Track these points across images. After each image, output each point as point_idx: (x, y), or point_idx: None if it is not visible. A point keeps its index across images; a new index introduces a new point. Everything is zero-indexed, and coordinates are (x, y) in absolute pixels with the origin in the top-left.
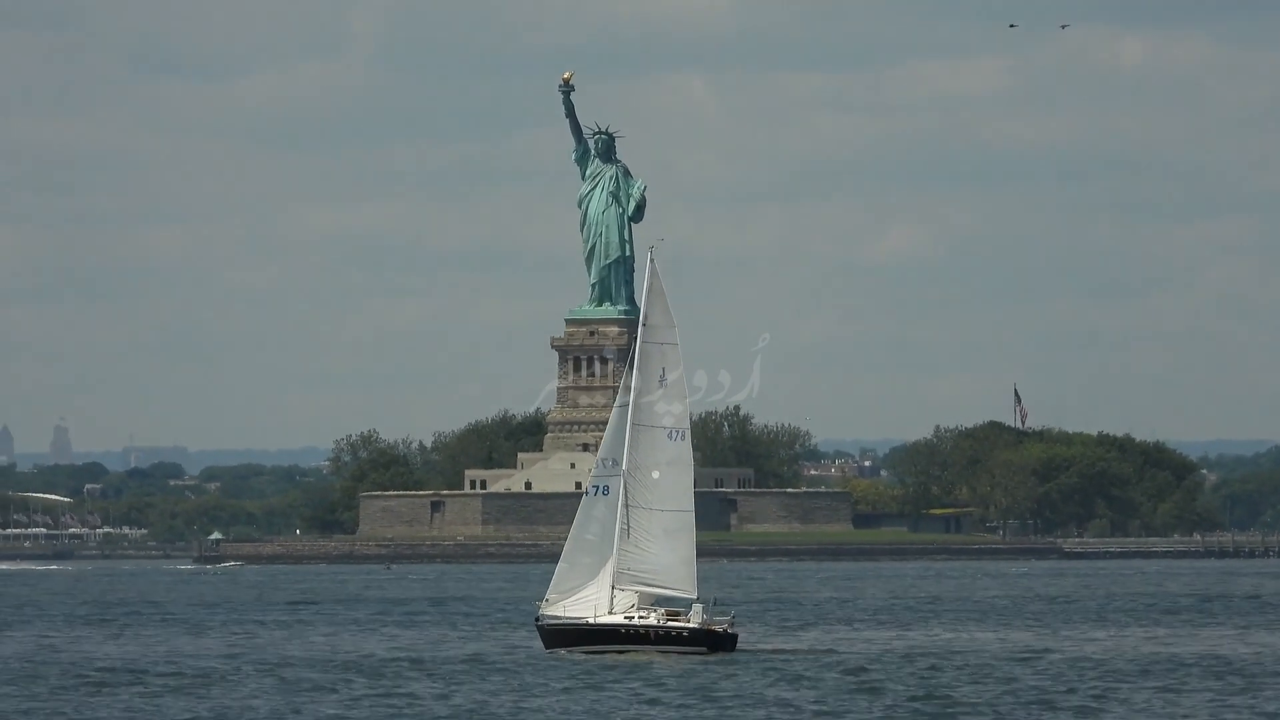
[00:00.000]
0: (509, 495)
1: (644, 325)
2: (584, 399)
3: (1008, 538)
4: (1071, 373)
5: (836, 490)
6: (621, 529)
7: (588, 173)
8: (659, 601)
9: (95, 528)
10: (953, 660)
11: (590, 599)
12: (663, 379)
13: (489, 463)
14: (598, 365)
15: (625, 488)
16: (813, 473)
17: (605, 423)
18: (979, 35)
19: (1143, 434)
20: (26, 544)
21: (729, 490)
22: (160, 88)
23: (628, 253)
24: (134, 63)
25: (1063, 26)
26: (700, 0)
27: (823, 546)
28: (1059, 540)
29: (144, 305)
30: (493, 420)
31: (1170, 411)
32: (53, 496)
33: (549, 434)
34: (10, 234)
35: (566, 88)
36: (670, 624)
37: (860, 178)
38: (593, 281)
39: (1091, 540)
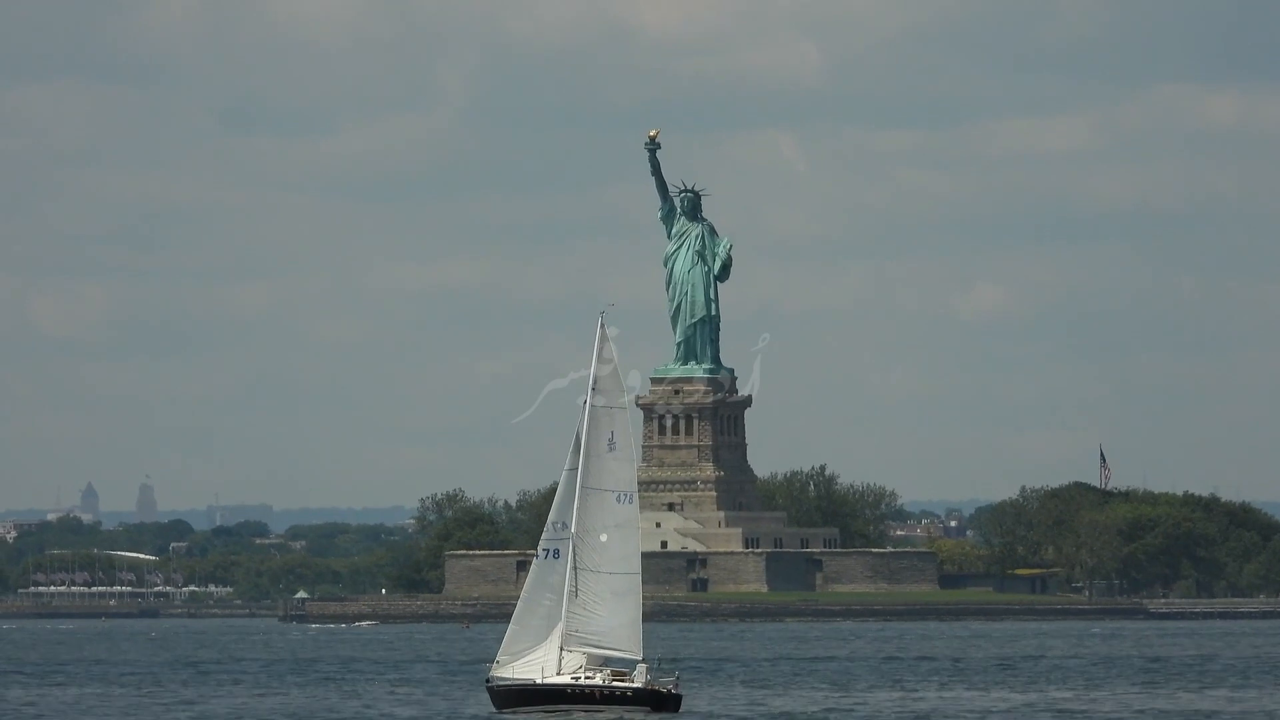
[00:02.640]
0: None
1: (593, 389)
2: (670, 458)
3: (1093, 598)
4: (1157, 432)
5: (922, 550)
6: (570, 591)
7: (674, 231)
8: (607, 662)
9: (181, 586)
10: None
11: (539, 660)
12: (611, 442)
13: None
14: (683, 424)
15: (574, 550)
16: (898, 533)
17: (691, 482)
18: (1067, 92)
19: (1229, 494)
20: (112, 602)
21: (814, 550)
22: (247, 142)
23: (714, 312)
24: (221, 117)
25: None
26: (787, 57)
27: (908, 607)
28: (1145, 601)
29: (230, 361)
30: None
31: (1257, 471)
32: (138, 555)
33: None
34: (97, 289)
35: (653, 145)
36: (615, 684)
37: (946, 234)
38: (678, 340)
39: (1178, 601)
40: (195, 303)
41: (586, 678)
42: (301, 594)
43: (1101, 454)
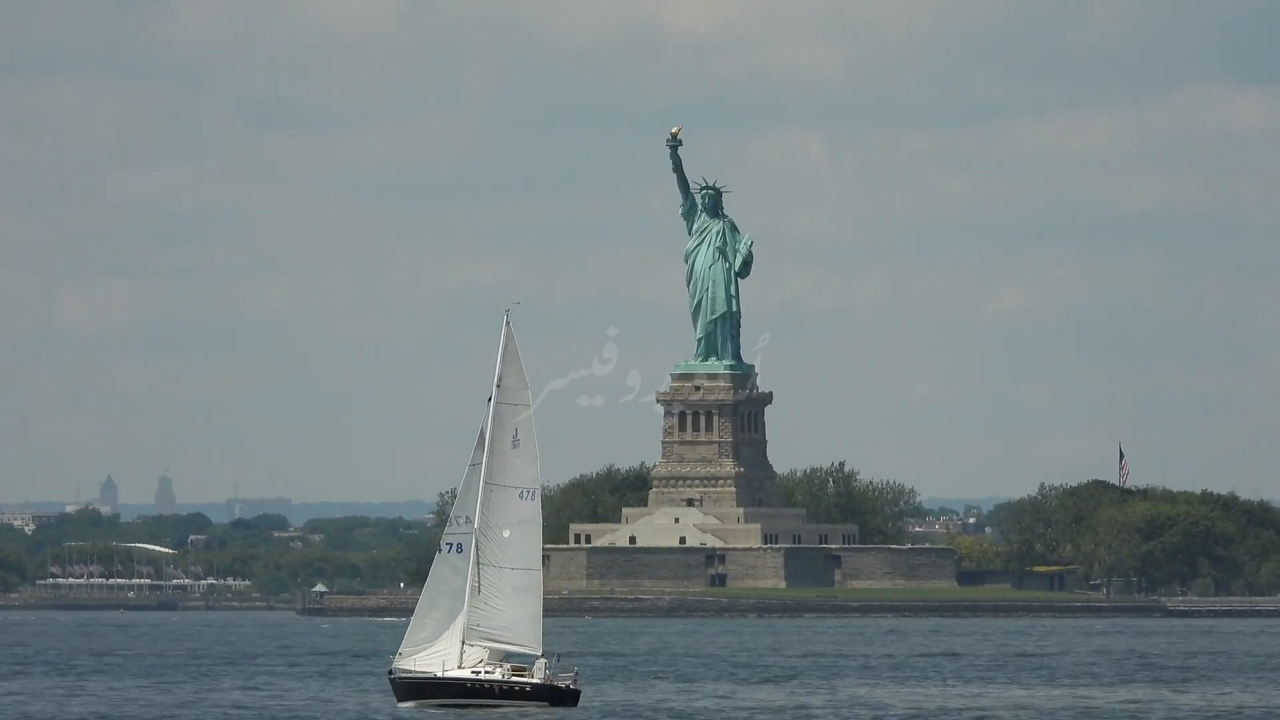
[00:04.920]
0: (613, 550)
1: (498, 386)
2: (689, 453)
3: (1111, 596)
4: (1176, 432)
5: (941, 547)
6: (472, 586)
7: (695, 228)
8: (507, 657)
9: (199, 579)
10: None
11: (440, 653)
12: (515, 440)
13: (594, 517)
14: (703, 420)
15: (477, 545)
16: (917, 529)
17: (712, 478)
18: (1092, 94)
19: (1247, 493)
20: (130, 594)
21: (833, 546)
22: (273, 141)
23: (734, 308)
24: (248, 116)
25: None
26: (813, 57)
27: (926, 603)
28: (1162, 599)
29: (251, 357)
30: (597, 474)
31: (1275, 470)
32: (157, 547)
33: (653, 489)
34: (120, 285)
35: (675, 142)
36: (514, 679)
37: (970, 236)
38: (699, 336)
39: (1196, 599)
40: (219, 300)
41: (486, 672)
42: (320, 587)
43: (1120, 452)
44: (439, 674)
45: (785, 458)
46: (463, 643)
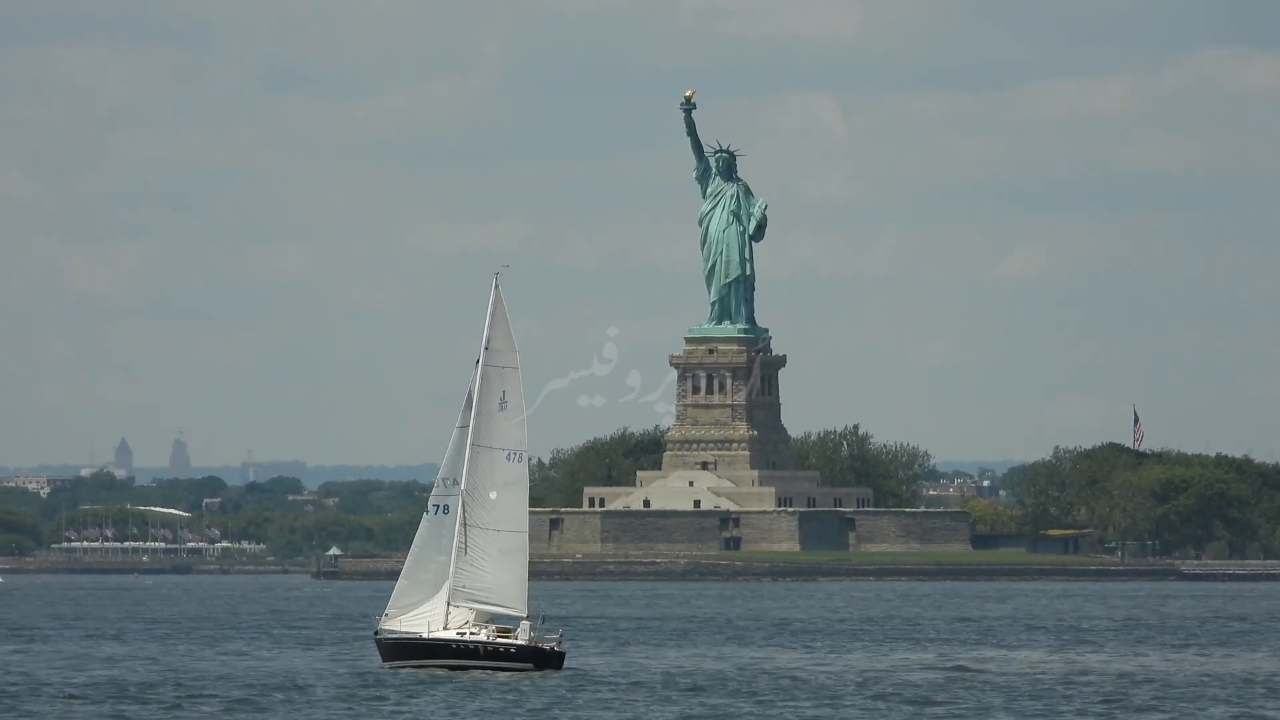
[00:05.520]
0: (628, 513)
1: (486, 349)
2: (703, 417)
3: (1126, 559)
4: (1191, 394)
5: (955, 510)
6: (459, 547)
7: (709, 191)
8: (493, 619)
9: (214, 542)
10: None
11: (425, 615)
12: (503, 402)
13: (608, 480)
14: (717, 383)
15: (463, 507)
16: (931, 493)
17: (726, 441)
18: (1104, 57)
19: (1262, 455)
20: (145, 558)
21: (847, 510)
22: (286, 105)
23: (748, 271)
24: (260, 79)
25: None
26: (825, 20)
27: (940, 567)
28: (1177, 562)
29: (265, 321)
30: (611, 438)
31: None
32: (171, 510)
33: (668, 452)
34: (132, 249)
35: (688, 105)
36: (499, 641)
37: (984, 199)
38: (713, 300)
39: (1211, 562)
40: (232, 263)
41: (471, 634)
42: (334, 551)
43: (1135, 415)
44: (425, 635)
45: (799, 421)
46: (448, 604)
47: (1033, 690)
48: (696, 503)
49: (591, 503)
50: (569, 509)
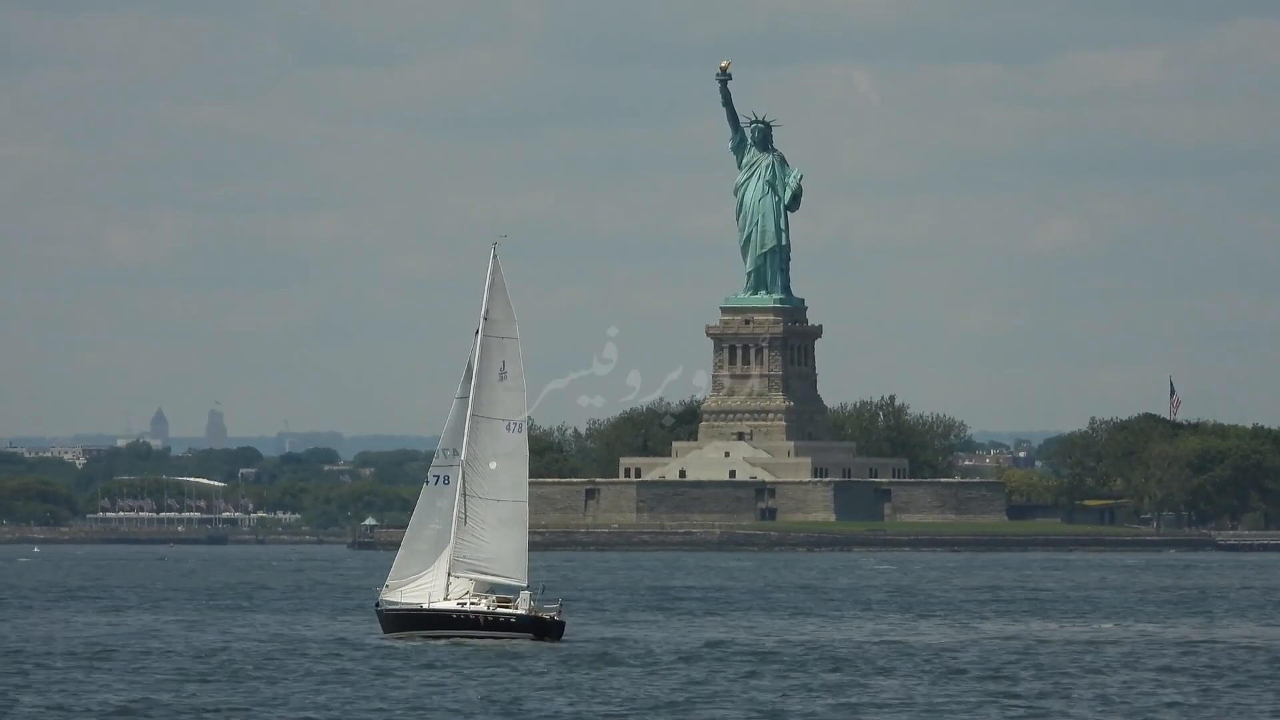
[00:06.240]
0: (663, 483)
1: (485, 319)
2: (739, 387)
3: (1161, 530)
4: (1227, 365)
5: (991, 481)
6: (459, 518)
7: (744, 161)
8: (493, 589)
9: (249, 512)
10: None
11: (426, 586)
12: (503, 372)
13: (644, 450)
14: (753, 353)
15: (463, 477)
16: (967, 463)
17: (762, 411)
18: (1141, 27)
19: None
20: (180, 528)
21: (883, 480)
22: (322, 74)
23: (784, 242)
24: (296, 49)
25: None
26: None
27: (976, 537)
28: (1213, 532)
29: (301, 291)
30: (647, 408)
31: None
32: (207, 481)
33: (703, 422)
34: (169, 218)
35: (724, 76)
36: (499, 610)
37: (1019, 169)
38: (748, 270)
39: (1246, 533)
40: (268, 233)
41: (472, 604)
42: (370, 521)
43: (1171, 386)
44: (425, 605)
45: (835, 391)
46: (449, 575)
47: None
48: (732, 473)
49: (627, 473)
50: (605, 479)
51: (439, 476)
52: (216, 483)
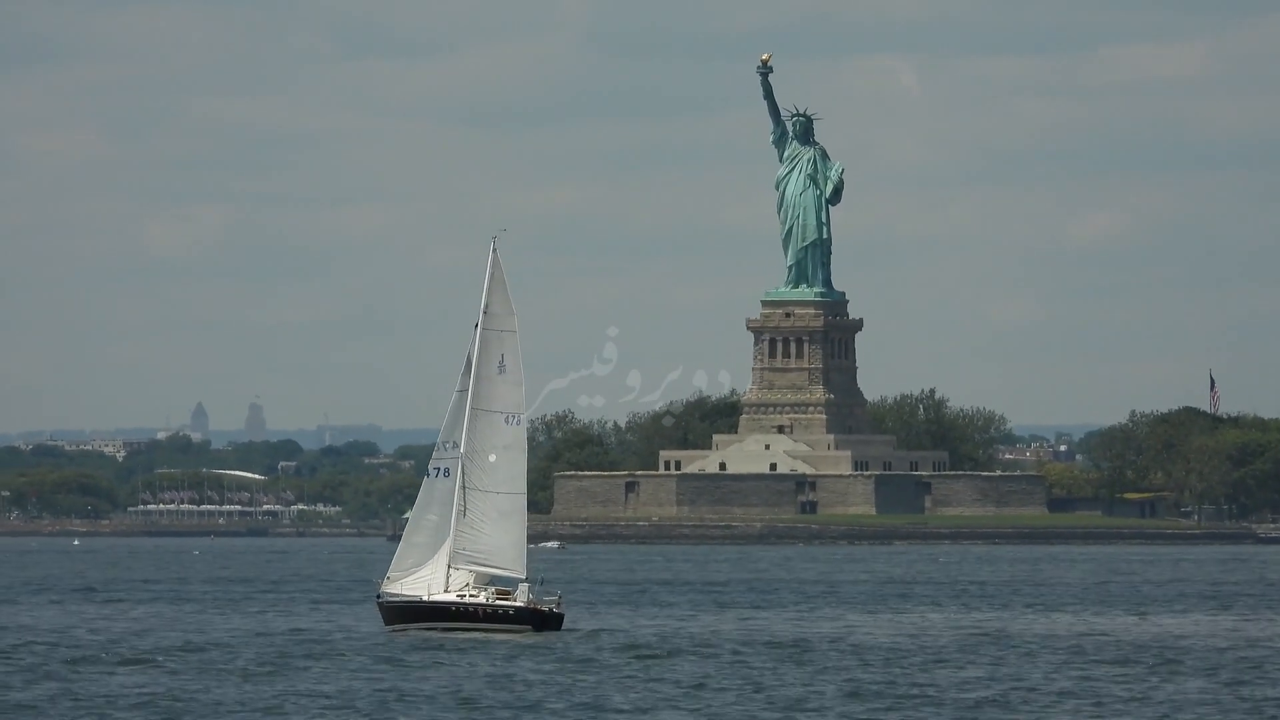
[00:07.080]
0: (703, 476)
1: (485, 313)
2: (780, 380)
3: (1202, 523)
4: (1268, 359)
5: (1031, 474)
6: (459, 510)
7: (785, 155)
8: (492, 581)
9: (290, 505)
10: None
11: (426, 578)
12: (502, 365)
13: (684, 444)
14: (794, 347)
15: (463, 470)
16: (1007, 456)
17: (802, 404)
18: (1181, 19)
19: None
20: (221, 520)
21: (923, 473)
22: (362, 67)
23: (825, 235)
24: (336, 42)
25: None
26: None
27: (1016, 530)
28: (1253, 526)
29: (341, 283)
30: (687, 401)
31: None
32: (247, 474)
33: (744, 415)
34: (209, 211)
35: (765, 69)
36: (498, 603)
37: (1059, 162)
38: (790, 263)
39: None
40: (308, 226)
41: (471, 596)
42: (409, 514)
43: (1211, 379)
44: (425, 597)
45: (876, 384)
46: (449, 567)
47: None
48: (772, 466)
49: (667, 466)
50: (645, 472)
51: (439, 469)
52: (257, 475)
